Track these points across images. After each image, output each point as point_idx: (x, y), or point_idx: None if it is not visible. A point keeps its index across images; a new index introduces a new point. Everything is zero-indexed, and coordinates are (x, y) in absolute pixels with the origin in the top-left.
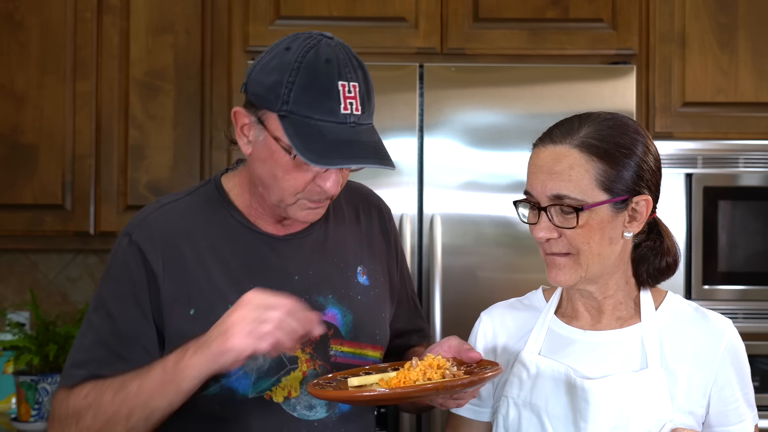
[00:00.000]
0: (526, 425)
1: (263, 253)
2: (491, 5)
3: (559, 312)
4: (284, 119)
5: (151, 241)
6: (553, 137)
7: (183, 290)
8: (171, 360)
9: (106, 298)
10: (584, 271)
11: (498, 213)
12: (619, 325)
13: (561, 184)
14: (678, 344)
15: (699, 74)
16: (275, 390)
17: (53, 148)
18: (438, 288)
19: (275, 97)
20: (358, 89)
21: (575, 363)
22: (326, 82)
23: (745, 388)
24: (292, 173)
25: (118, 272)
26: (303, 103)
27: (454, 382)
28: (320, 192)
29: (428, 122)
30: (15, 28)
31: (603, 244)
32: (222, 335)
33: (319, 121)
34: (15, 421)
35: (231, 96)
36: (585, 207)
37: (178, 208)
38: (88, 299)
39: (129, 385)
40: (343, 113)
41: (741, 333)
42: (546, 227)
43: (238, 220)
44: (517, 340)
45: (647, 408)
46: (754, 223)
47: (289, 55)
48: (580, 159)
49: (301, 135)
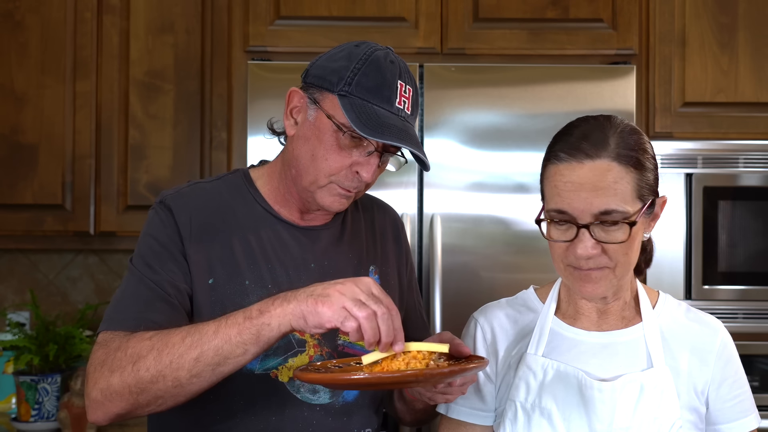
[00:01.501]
0: (537, 429)
1: (283, 239)
2: (491, 5)
3: (559, 312)
4: (343, 98)
5: (182, 208)
6: (587, 152)
7: (205, 259)
8: (255, 307)
9: (145, 254)
10: (618, 280)
11: (498, 213)
12: (624, 325)
13: (609, 200)
14: (677, 342)
15: (699, 74)
16: (281, 369)
17: (53, 148)
18: (438, 288)
19: (339, 78)
20: (411, 93)
21: (583, 365)
22: (388, 75)
23: (744, 386)
24: (333, 154)
25: (154, 231)
26: (364, 88)
27: (434, 371)
28: (354, 178)
29: (428, 122)
30: (15, 28)
31: (636, 252)
32: (320, 296)
33: (375, 105)
34: (15, 421)
35: (231, 96)
36: (636, 219)
37: (207, 188)
38: (89, 299)
39: (204, 327)
40: (397, 106)
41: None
42: (591, 245)
43: (262, 206)
44: (517, 342)
45: (658, 406)
46: (754, 223)
47: (358, 49)
48: (621, 171)
49: (357, 112)
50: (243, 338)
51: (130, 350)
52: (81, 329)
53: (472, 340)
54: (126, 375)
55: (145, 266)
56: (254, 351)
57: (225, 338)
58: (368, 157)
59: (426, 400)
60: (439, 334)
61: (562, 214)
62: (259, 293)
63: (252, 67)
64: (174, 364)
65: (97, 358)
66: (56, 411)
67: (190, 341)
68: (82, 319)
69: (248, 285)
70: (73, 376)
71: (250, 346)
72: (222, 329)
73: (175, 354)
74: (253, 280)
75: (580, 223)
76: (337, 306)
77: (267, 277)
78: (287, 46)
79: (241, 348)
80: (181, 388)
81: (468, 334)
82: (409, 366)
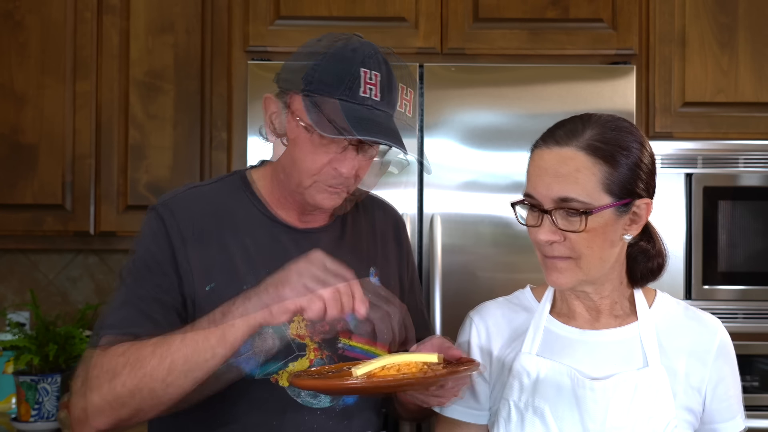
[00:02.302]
0: (530, 428)
1: (282, 241)
2: (491, 5)
3: (554, 311)
4: (306, 98)
5: (175, 216)
6: (557, 139)
7: (202, 266)
8: (218, 311)
9: (136, 266)
10: (584, 274)
11: (498, 213)
12: (617, 323)
13: (568, 187)
14: (674, 341)
15: (699, 74)
16: (281, 374)
17: (53, 148)
18: (438, 288)
19: (301, 78)
20: (379, 78)
21: (576, 363)
22: (348, 65)
23: (737, 386)
24: (310, 155)
25: (146, 242)
26: (325, 83)
27: (428, 376)
28: (336, 176)
29: (428, 122)
30: (15, 28)
31: (604, 248)
32: (279, 284)
33: (338, 99)
34: (15, 421)
35: (231, 96)
36: (594, 211)
37: (204, 192)
38: (88, 299)
39: (171, 338)
40: (361, 95)
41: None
42: (549, 230)
43: (260, 209)
44: (512, 341)
45: (653, 406)
46: (754, 223)
47: (320, 44)
48: (587, 162)
49: (317, 110)
50: (210, 343)
51: (105, 366)
52: (81, 329)
53: (467, 338)
54: (104, 392)
55: (132, 280)
56: (223, 353)
57: (192, 345)
58: (344, 153)
59: (419, 403)
60: (430, 339)
61: (531, 198)
62: None
63: (252, 67)
64: (148, 377)
65: (77, 380)
66: (56, 411)
67: (160, 352)
68: (82, 319)
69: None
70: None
71: (218, 349)
72: (189, 337)
73: (147, 367)
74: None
75: (544, 208)
76: (299, 286)
77: None
78: (287, 46)
79: (209, 352)
80: (158, 398)
81: (463, 333)
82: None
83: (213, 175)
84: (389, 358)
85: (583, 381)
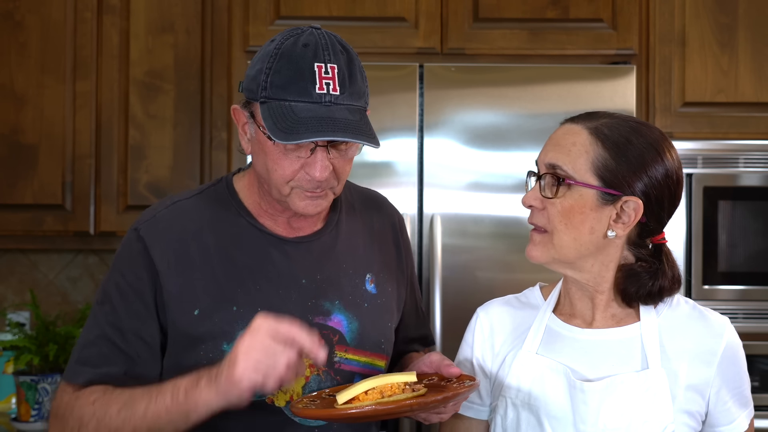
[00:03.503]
0: (525, 426)
1: (271, 254)
2: (491, 5)
3: (557, 310)
4: (263, 105)
5: (158, 239)
6: (576, 119)
7: (188, 290)
8: (182, 388)
9: (111, 293)
10: (557, 252)
11: (498, 213)
12: (615, 323)
13: (558, 156)
14: (677, 343)
15: (699, 74)
16: (278, 394)
17: (53, 148)
18: (438, 288)
19: (257, 85)
20: (336, 70)
21: (574, 362)
22: (301, 63)
23: (742, 386)
24: (280, 162)
25: (123, 267)
26: (278, 86)
27: (428, 399)
28: (310, 180)
29: (428, 122)
30: (15, 28)
31: (581, 230)
32: (230, 366)
33: (292, 101)
34: (15, 421)
35: (231, 96)
36: (568, 181)
37: (187, 207)
38: (88, 299)
39: (137, 404)
40: (318, 93)
41: (741, 333)
42: (533, 195)
43: (248, 221)
44: (514, 338)
45: (648, 410)
46: (754, 223)
47: (271, 45)
48: (586, 140)
49: (273, 117)
50: (172, 417)
51: (75, 413)
52: (81, 329)
53: (471, 333)
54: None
55: (109, 310)
56: (186, 427)
57: (154, 417)
58: (313, 156)
59: (421, 420)
60: (429, 355)
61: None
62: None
63: None
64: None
65: (53, 409)
66: None
67: (124, 415)
68: (82, 319)
69: (236, 311)
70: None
71: (180, 425)
72: (152, 408)
73: (111, 427)
74: (242, 305)
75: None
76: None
77: (257, 299)
78: None
79: (171, 426)
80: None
81: (468, 328)
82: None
83: (213, 176)
84: (369, 381)
85: (575, 382)
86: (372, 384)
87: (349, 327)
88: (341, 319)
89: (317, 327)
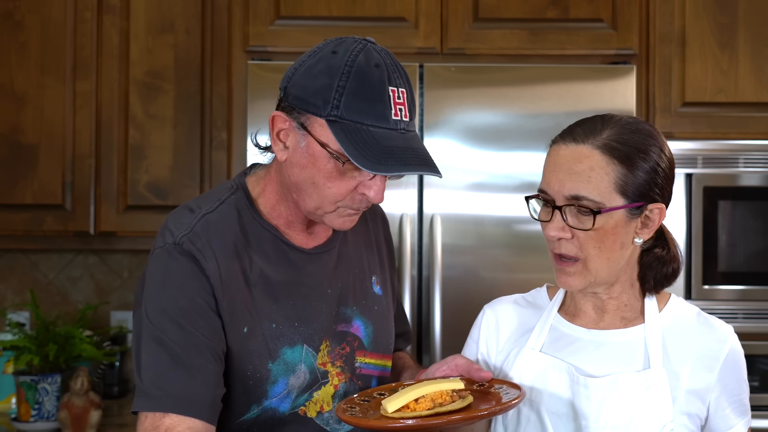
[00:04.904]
0: (525, 422)
1: (298, 268)
2: (491, 5)
3: (562, 310)
4: (334, 124)
5: (204, 253)
6: (575, 136)
7: (237, 306)
8: None
9: (172, 312)
10: (593, 276)
11: (498, 213)
12: (623, 325)
13: (580, 185)
14: (680, 347)
15: (699, 74)
16: (308, 405)
17: (53, 148)
18: (438, 288)
19: (324, 101)
20: (406, 95)
21: (577, 361)
22: (378, 86)
23: (741, 394)
24: (335, 181)
25: (179, 282)
26: (355, 109)
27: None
28: (362, 200)
29: (428, 122)
30: (15, 28)
31: (614, 249)
32: None
33: (371, 126)
34: (15, 421)
35: (231, 96)
36: (603, 210)
37: (215, 221)
38: (88, 299)
39: None
40: (394, 119)
41: (741, 333)
42: (559, 227)
43: (272, 233)
44: (518, 337)
45: (649, 408)
46: (754, 223)
47: (337, 58)
48: (601, 161)
49: (353, 141)
50: None
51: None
52: (81, 329)
53: (477, 329)
54: None
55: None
56: None
57: None
58: (374, 179)
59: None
60: (453, 358)
61: (544, 193)
62: (289, 334)
63: (252, 67)
64: None
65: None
66: (56, 411)
67: None
68: (82, 319)
69: (276, 328)
70: (73, 376)
71: None
72: None
73: None
74: (279, 321)
75: (556, 204)
76: None
77: (292, 314)
78: (287, 46)
79: None
80: None
81: (475, 324)
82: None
83: (213, 175)
84: (419, 388)
85: (578, 378)
86: (423, 391)
87: (366, 331)
88: (359, 325)
89: (342, 335)
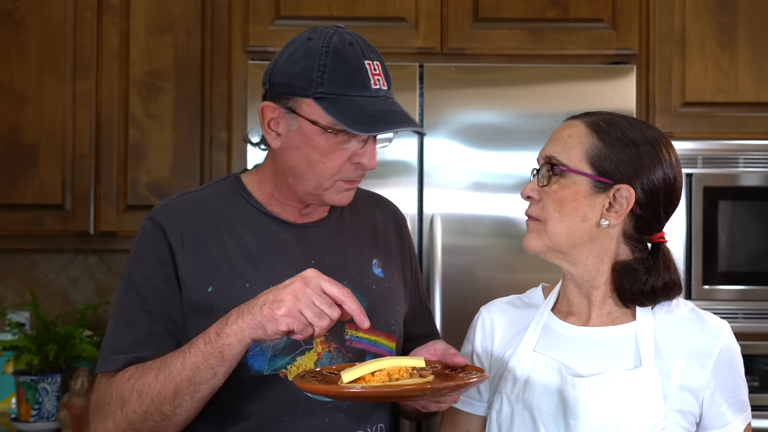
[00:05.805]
0: (518, 421)
1: (281, 237)
2: (491, 5)
3: (555, 308)
4: (322, 100)
5: (172, 222)
6: (577, 116)
7: (202, 268)
8: (212, 330)
9: (136, 280)
10: (550, 240)
11: (498, 213)
12: (610, 321)
13: (555, 148)
14: (672, 343)
15: (699, 74)
16: (290, 368)
17: (53, 148)
18: (438, 288)
19: (308, 82)
20: (381, 67)
21: (569, 360)
22: (355, 61)
23: (737, 390)
24: (329, 155)
25: (145, 254)
26: (338, 83)
27: (439, 385)
28: (357, 169)
29: (428, 122)
30: (15, 28)
31: (574, 218)
32: (275, 303)
33: (355, 96)
34: (15, 421)
35: (231, 96)
36: (561, 168)
37: (197, 197)
38: (88, 299)
39: (172, 362)
40: (374, 88)
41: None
42: (530, 187)
43: (257, 207)
44: (513, 336)
45: (639, 407)
46: (754, 223)
47: (313, 43)
48: (581, 131)
49: (342, 111)
50: (209, 363)
51: (114, 394)
52: (81, 329)
53: (473, 330)
54: (118, 419)
55: (135, 297)
56: (224, 371)
57: (193, 368)
58: (365, 146)
59: (419, 408)
60: (433, 343)
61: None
62: None
63: (252, 67)
64: (156, 402)
65: (92, 404)
66: (56, 411)
67: (162, 378)
68: (82, 319)
69: (249, 288)
70: (73, 376)
71: (219, 368)
72: (188, 359)
73: (153, 392)
74: (254, 282)
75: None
76: (295, 311)
77: (268, 277)
78: None
79: (209, 372)
80: (170, 420)
81: (471, 325)
82: (392, 378)
83: (213, 176)
84: (377, 363)
85: (566, 377)
86: (380, 365)
87: None
88: None
89: None
